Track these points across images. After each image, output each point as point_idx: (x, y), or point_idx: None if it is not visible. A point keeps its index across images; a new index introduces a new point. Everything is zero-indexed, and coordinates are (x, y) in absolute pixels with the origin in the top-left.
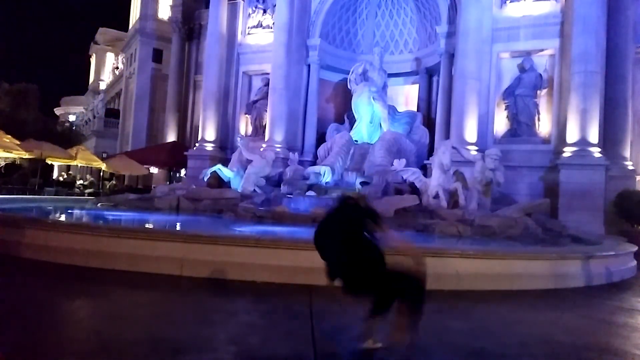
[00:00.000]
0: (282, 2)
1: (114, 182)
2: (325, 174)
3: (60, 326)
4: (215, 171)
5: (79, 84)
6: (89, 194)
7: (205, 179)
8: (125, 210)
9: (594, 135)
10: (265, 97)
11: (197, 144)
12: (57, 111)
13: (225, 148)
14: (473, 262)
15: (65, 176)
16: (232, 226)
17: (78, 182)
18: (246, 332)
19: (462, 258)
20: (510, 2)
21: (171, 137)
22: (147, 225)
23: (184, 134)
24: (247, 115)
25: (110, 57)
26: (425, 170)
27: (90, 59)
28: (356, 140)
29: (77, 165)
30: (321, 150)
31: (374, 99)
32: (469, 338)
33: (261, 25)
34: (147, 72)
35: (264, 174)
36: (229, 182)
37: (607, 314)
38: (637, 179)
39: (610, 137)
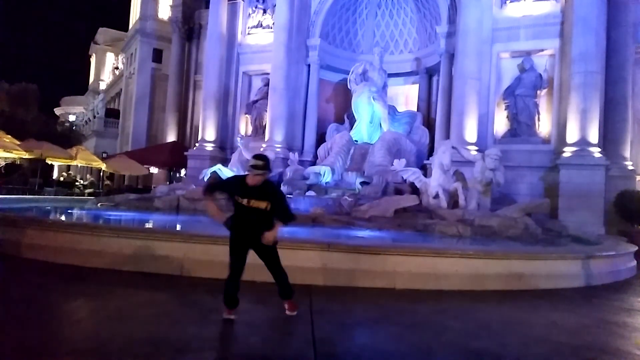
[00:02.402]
0: (282, 2)
1: (107, 182)
2: (325, 174)
3: (60, 326)
4: (215, 171)
5: (79, 84)
6: (89, 194)
7: (205, 179)
8: (125, 210)
9: (594, 135)
10: (265, 97)
11: (197, 144)
12: (57, 111)
13: (225, 148)
14: (473, 262)
15: (66, 176)
16: None
17: (79, 182)
18: (246, 332)
19: (462, 258)
20: (510, 2)
21: (171, 137)
22: (147, 225)
23: (184, 134)
24: (247, 115)
25: (110, 57)
26: (425, 170)
27: (90, 59)
28: (356, 140)
29: (77, 165)
30: (321, 150)
31: (374, 99)
32: (469, 338)
33: (261, 25)
34: (147, 72)
35: None
36: None
37: (607, 314)
38: (637, 179)
39: (610, 137)
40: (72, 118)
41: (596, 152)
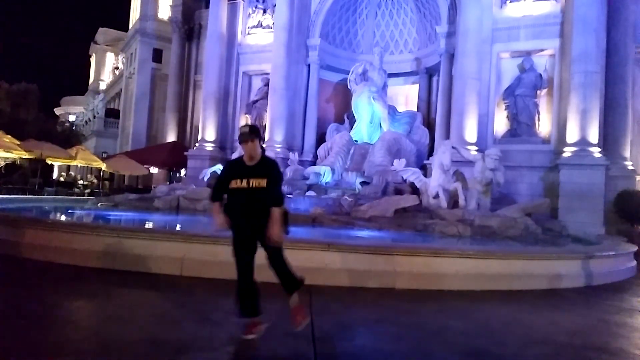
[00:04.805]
0: (282, 2)
1: (93, 180)
2: (325, 174)
3: (60, 326)
4: (215, 171)
5: (79, 84)
6: (89, 194)
7: (205, 179)
8: (125, 210)
9: (594, 135)
10: (265, 97)
11: (197, 144)
12: (57, 111)
13: (225, 148)
14: (473, 262)
15: (66, 176)
16: None
17: (80, 182)
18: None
19: (462, 258)
20: (510, 2)
21: (171, 137)
22: (147, 225)
23: (184, 134)
24: (247, 115)
25: (110, 57)
26: (425, 170)
27: (90, 59)
28: (356, 140)
29: (77, 165)
30: (321, 150)
31: (374, 99)
32: (469, 338)
33: (261, 25)
34: (147, 72)
35: None
36: None
37: (607, 314)
38: (637, 179)
39: (610, 137)
40: (72, 118)
41: (596, 152)
